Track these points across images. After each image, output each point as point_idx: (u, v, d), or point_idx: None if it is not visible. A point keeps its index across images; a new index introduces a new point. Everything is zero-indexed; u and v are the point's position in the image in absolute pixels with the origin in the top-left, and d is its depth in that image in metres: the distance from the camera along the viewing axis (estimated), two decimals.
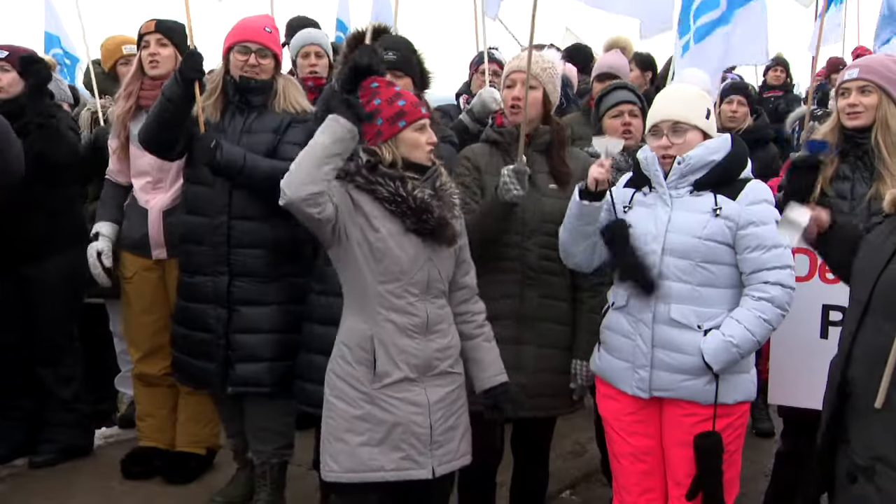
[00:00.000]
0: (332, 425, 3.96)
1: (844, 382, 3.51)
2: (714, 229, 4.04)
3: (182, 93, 4.70)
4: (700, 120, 4.15)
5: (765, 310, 4.03)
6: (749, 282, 4.08)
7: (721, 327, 4.05)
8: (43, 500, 5.22)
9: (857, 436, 3.46)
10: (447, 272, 4.07)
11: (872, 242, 3.66)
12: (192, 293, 4.95)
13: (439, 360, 4.01)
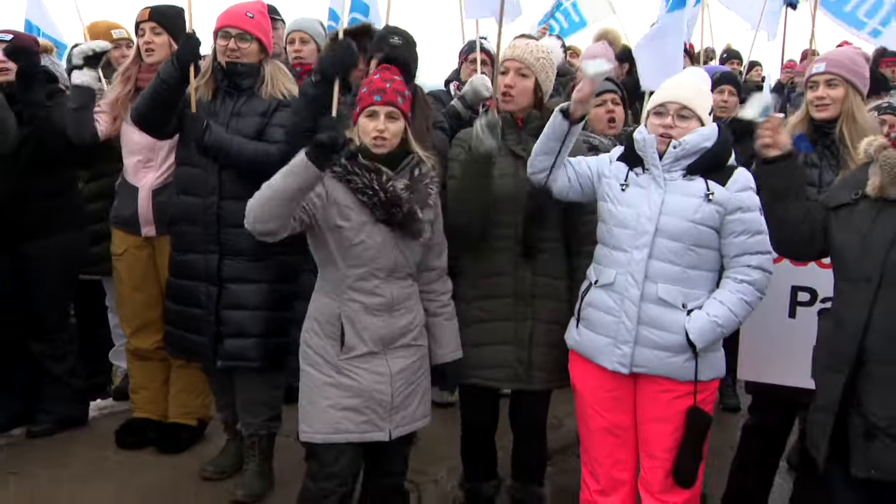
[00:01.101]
0: (306, 391, 4.14)
1: (861, 351, 3.58)
2: (705, 214, 4.07)
3: (178, 75, 4.72)
4: (704, 113, 4.19)
5: (746, 292, 4.08)
6: (732, 265, 4.13)
7: (705, 307, 4.08)
8: (40, 468, 5.22)
9: (875, 400, 3.56)
10: (415, 258, 4.17)
11: (858, 224, 3.73)
12: (183, 271, 4.96)
13: (402, 335, 4.14)
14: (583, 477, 4.55)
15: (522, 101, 4.55)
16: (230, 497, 4.94)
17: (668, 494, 4.23)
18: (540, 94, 4.55)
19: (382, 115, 4.01)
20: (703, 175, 4.11)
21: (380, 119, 4.01)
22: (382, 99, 4.03)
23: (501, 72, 4.63)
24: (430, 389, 4.35)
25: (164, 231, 5.23)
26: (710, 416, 4.21)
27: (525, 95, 4.55)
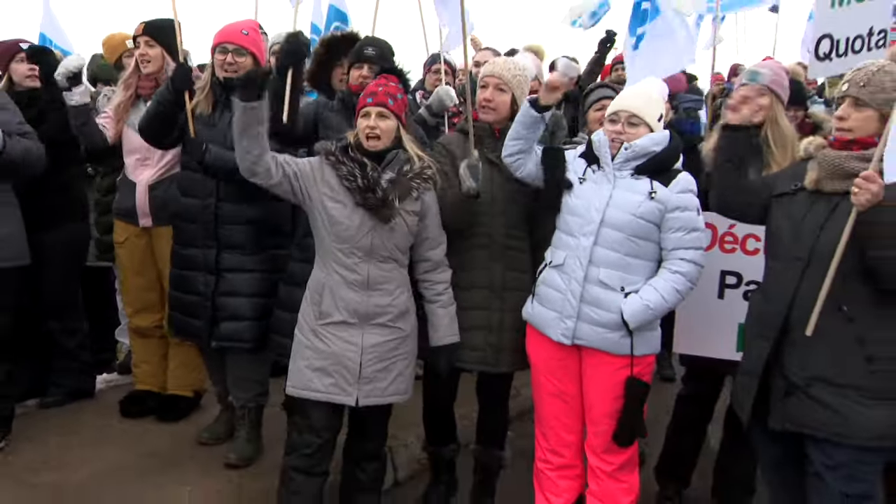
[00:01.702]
0: (293, 352, 4.22)
1: (787, 321, 3.66)
2: (646, 210, 4.12)
3: (173, 99, 4.73)
4: (653, 120, 4.24)
5: (678, 282, 4.14)
6: (668, 257, 4.19)
7: (640, 292, 4.13)
8: (51, 435, 5.22)
9: (794, 362, 3.66)
10: (395, 242, 4.16)
11: (794, 211, 3.77)
12: (184, 262, 4.95)
13: (379, 314, 4.14)
14: (536, 438, 4.61)
15: (500, 113, 4.54)
16: (223, 460, 4.93)
17: (610, 455, 4.31)
18: (516, 108, 4.50)
19: (374, 114, 4.07)
20: (649, 176, 4.16)
21: (371, 118, 4.06)
22: (374, 100, 4.09)
23: (481, 85, 4.62)
24: (410, 371, 4.36)
25: (160, 222, 5.23)
26: (648, 385, 4.26)
27: (503, 108, 4.55)
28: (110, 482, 4.67)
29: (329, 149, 4.12)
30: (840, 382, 3.57)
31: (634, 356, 4.18)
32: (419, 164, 4.18)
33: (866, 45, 5.03)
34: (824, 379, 3.59)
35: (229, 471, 4.87)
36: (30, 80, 5.40)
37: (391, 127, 4.10)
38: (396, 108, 4.12)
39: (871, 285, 3.55)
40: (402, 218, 4.11)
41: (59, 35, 7.65)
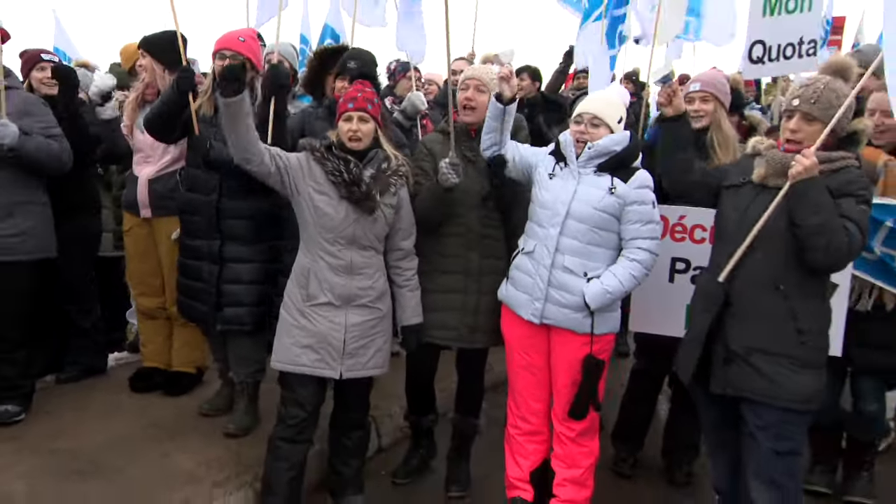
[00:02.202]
0: (279, 330, 4.24)
1: (728, 296, 3.73)
2: (607, 203, 4.17)
3: (177, 99, 4.72)
4: (613, 122, 4.28)
5: (635, 269, 4.19)
6: (626, 246, 4.23)
7: (601, 278, 4.19)
8: (67, 408, 5.23)
9: (734, 333, 3.74)
10: (374, 232, 4.19)
11: (740, 201, 3.84)
12: (190, 252, 4.95)
13: (360, 296, 4.18)
14: (508, 406, 4.66)
15: (480, 112, 4.55)
16: (223, 430, 4.95)
17: (573, 421, 4.36)
18: None
19: (355, 117, 4.10)
20: (610, 172, 4.21)
21: (353, 121, 4.10)
22: (354, 105, 4.12)
23: (462, 88, 4.66)
24: (388, 347, 4.38)
25: (159, 213, 5.24)
26: (603, 362, 4.30)
27: (482, 108, 4.55)
28: (120, 450, 4.66)
29: (314, 145, 4.15)
30: (775, 352, 3.66)
31: (595, 335, 4.24)
32: (395, 162, 4.22)
33: (797, 53, 5.10)
34: (762, 349, 3.67)
35: (228, 440, 4.87)
36: (46, 87, 5.40)
37: (370, 129, 4.14)
38: (374, 112, 4.16)
39: (804, 268, 3.62)
40: (382, 210, 4.15)
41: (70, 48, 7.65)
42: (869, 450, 4.92)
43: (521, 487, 4.61)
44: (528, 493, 4.58)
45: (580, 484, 4.47)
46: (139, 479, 4.37)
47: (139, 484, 4.33)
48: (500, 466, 4.92)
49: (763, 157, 3.84)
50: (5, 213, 4.86)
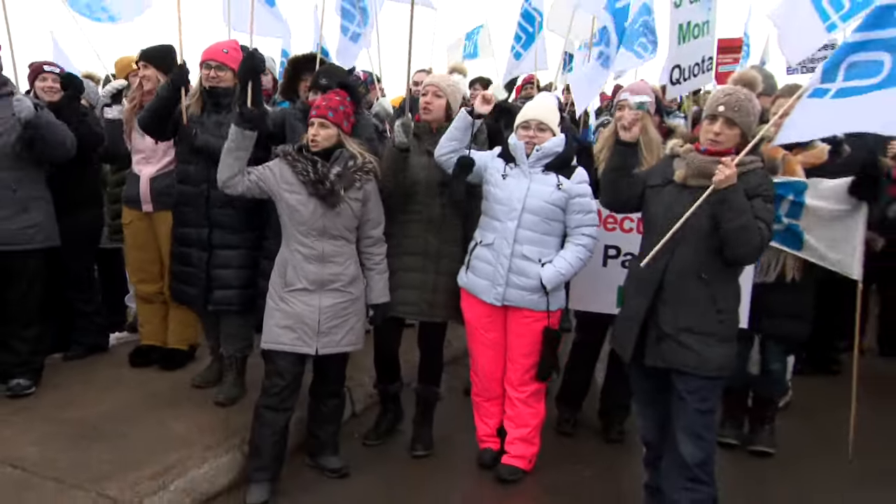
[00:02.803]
0: (265, 314, 4.27)
1: (661, 283, 3.76)
2: (556, 198, 4.31)
3: (171, 94, 4.74)
4: (555, 126, 4.42)
5: (581, 252, 4.36)
6: (572, 233, 4.39)
7: (553, 262, 4.34)
8: (74, 381, 5.24)
9: (666, 316, 3.77)
10: (342, 224, 4.21)
11: (664, 200, 3.86)
12: (182, 240, 4.95)
13: (332, 281, 4.21)
14: (472, 377, 4.80)
15: (437, 114, 4.60)
16: (214, 400, 4.96)
17: (523, 386, 4.54)
18: (450, 112, 4.59)
19: (316, 123, 4.15)
20: (555, 171, 4.32)
21: (314, 126, 4.15)
22: (316, 113, 4.17)
23: (423, 93, 4.68)
24: (361, 325, 4.39)
25: (159, 208, 5.22)
26: (560, 333, 4.45)
27: (439, 110, 4.60)
28: (122, 417, 4.68)
29: (287, 150, 4.18)
30: (699, 331, 3.70)
31: (550, 311, 4.39)
32: (361, 160, 4.23)
33: (701, 70, 5.29)
34: (689, 329, 3.71)
35: (218, 408, 4.89)
36: (48, 94, 5.37)
37: (331, 133, 4.17)
38: (336, 118, 4.17)
39: (722, 259, 3.69)
40: (348, 204, 4.17)
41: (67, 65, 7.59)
42: (771, 406, 5.05)
43: (490, 441, 4.75)
44: (497, 444, 4.71)
45: (528, 441, 4.61)
46: (139, 443, 4.38)
47: (139, 447, 4.33)
48: (458, 429, 5.06)
49: (683, 159, 3.88)
50: (21, 208, 4.87)
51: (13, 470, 4.05)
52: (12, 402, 4.88)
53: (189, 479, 4.18)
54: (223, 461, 4.40)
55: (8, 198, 4.81)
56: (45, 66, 5.59)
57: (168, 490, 4.04)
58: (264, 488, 4.22)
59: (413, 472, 4.69)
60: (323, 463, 4.59)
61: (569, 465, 4.88)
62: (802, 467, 4.84)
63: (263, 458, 4.24)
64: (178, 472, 4.17)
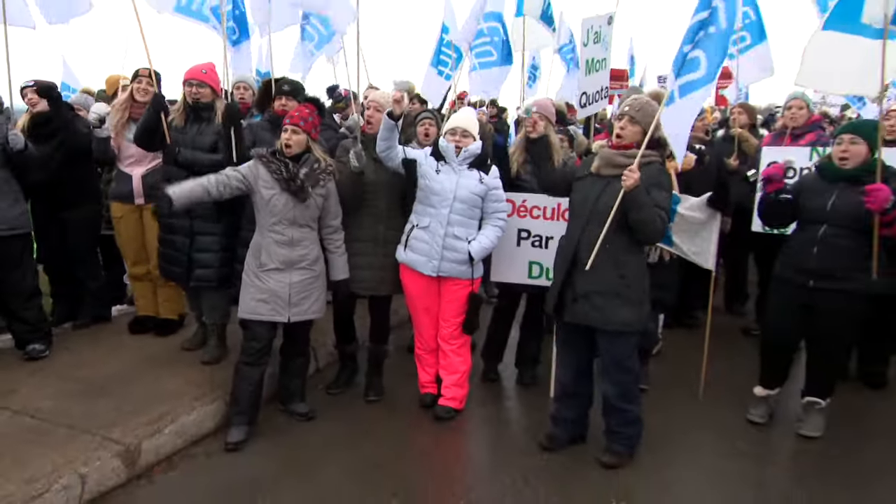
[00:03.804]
0: (242, 290, 4.26)
1: (576, 255, 3.89)
2: (479, 189, 4.43)
3: (153, 117, 4.72)
4: (475, 132, 4.50)
5: (497, 231, 4.52)
6: (489, 217, 4.52)
7: (478, 239, 4.45)
8: (82, 346, 5.22)
9: (578, 281, 3.89)
10: (309, 215, 4.22)
11: (584, 188, 3.97)
12: (168, 228, 4.93)
13: (300, 261, 4.22)
14: (415, 336, 4.87)
15: (377, 127, 4.52)
16: (200, 360, 4.99)
17: (454, 339, 4.64)
18: None
19: (290, 130, 4.13)
20: (477, 168, 4.42)
21: (288, 133, 4.13)
22: (290, 122, 4.16)
23: (367, 108, 4.71)
24: (323, 297, 4.40)
25: (149, 200, 5.19)
26: (481, 296, 4.62)
27: (377, 124, 4.54)
28: (123, 375, 4.70)
29: (262, 153, 4.16)
30: (604, 292, 3.83)
31: (473, 279, 4.51)
32: (324, 163, 4.24)
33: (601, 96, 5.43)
34: (597, 291, 3.84)
35: (203, 366, 4.92)
36: (33, 106, 5.24)
37: (302, 139, 4.16)
38: (306, 127, 4.16)
39: (627, 234, 3.80)
40: (313, 198, 4.19)
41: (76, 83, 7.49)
42: (645, 354, 5.06)
43: (429, 387, 4.85)
44: (435, 389, 4.80)
45: (459, 385, 4.71)
46: (138, 395, 4.41)
47: (138, 399, 4.36)
48: (403, 379, 5.12)
49: (598, 154, 4.02)
50: (15, 199, 4.82)
51: (32, 419, 4.07)
52: (29, 364, 4.87)
53: (180, 424, 4.21)
54: (209, 409, 4.42)
55: (4, 190, 4.75)
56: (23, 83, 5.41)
57: (163, 434, 4.08)
58: (243, 430, 4.25)
59: (367, 415, 4.72)
60: (292, 409, 4.61)
61: (492, 404, 4.97)
62: (668, 398, 5.01)
63: (242, 405, 4.27)
64: (170, 418, 4.20)
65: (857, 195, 4.00)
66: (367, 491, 3.78)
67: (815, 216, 4.24)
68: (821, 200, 4.23)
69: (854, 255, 4.12)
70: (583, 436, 4.35)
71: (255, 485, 3.84)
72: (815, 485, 3.99)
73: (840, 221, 4.13)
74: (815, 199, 4.26)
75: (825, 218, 4.19)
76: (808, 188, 4.36)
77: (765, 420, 4.68)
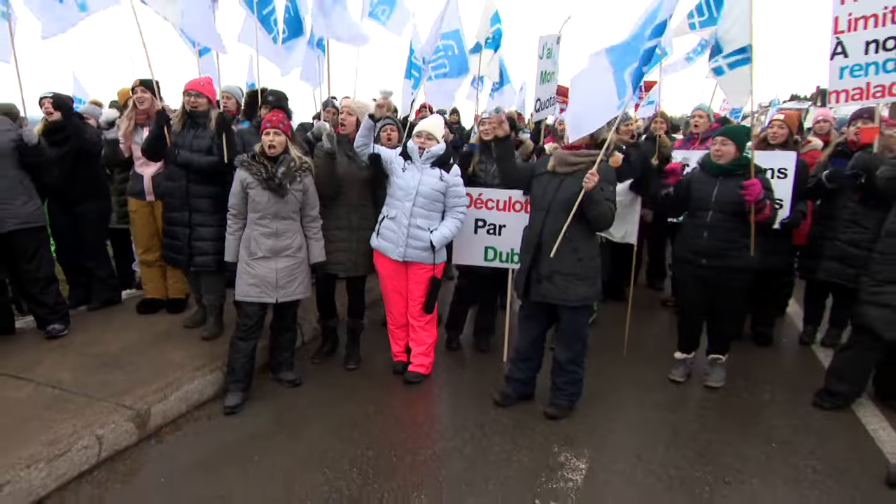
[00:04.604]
0: (237, 276, 4.24)
1: (539, 241, 3.92)
2: (440, 186, 4.37)
3: (158, 131, 4.70)
4: (439, 136, 4.46)
5: (457, 223, 4.48)
6: (450, 211, 4.47)
7: (439, 230, 4.41)
8: (96, 325, 5.17)
9: (543, 264, 3.92)
10: (290, 209, 4.17)
11: (543, 183, 3.99)
12: (171, 221, 4.90)
13: (284, 250, 4.21)
14: (386, 314, 4.86)
15: (351, 127, 4.60)
16: (200, 336, 4.98)
17: (421, 317, 4.64)
18: (359, 124, 4.56)
19: (272, 133, 4.11)
20: (439, 167, 4.38)
21: (270, 135, 4.11)
22: (271, 125, 4.13)
23: (341, 113, 4.72)
24: (307, 280, 4.40)
25: (157, 198, 5.16)
26: (440, 280, 4.58)
27: (352, 125, 4.61)
28: (133, 351, 4.68)
29: (243, 159, 4.13)
30: (565, 273, 3.87)
31: (436, 264, 4.48)
32: (300, 161, 4.21)
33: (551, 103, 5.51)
34: (559, 272, 3.88)
35: (203, 342, 4.91)
36: (49, 115, 5.22)
37: (283, 140, 4.16)
38: (285, 129, 4.18)
39: (584, 224, 3.85)
40: (292, 194, 4.17)
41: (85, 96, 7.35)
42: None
43: (400, 356, 4.87)
44: (405, 357, 4.82)
45: (426, 354, 4.75)
46: (146, 367, 4.41)
47: (147, 370, 4.36)
48: (378, 349, 5.15)
49: (552, 154, 4.07)
50: (29, 196, 4.75)
51: (53, 389, 4.06)
52: (50, 342, 4.83)
53: (184, 391, 4.22)
54: (209, 378, 4.43)
55: (19, 189, 4.67)
56: (42, 94, 5.45)
57: (169, 400, 4.09)
58: (238, 396, 4.27)
59: (347, 381, 4.72)
60: (282, 376, 4.62)
61: (455, 370, 5.00)
62: (600, 359, 5.05)
63: (238, 374, 4.28)
64: (175, 386, 4.21)
65: (735, 187, 4.22)
66: (347, 445, 3.81)
67: (703, 204, 4.41)
68: (707, 189, 4.39)
69: (736, 236, 4.33)
70: (531, 394, 4.42)
71: (251, 441, 3.86)
72: (717, 425, 4.20)
73: (723, 208, 4.32)
74: (703, 189, 4.42)
75: (711, 205, 4.36)
76: (697, 180, 4.52)
77: (684, 379, 4.83)
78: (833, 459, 3.80)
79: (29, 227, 4.72)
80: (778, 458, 3.83)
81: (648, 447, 3.90)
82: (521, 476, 3.53)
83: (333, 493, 3.34)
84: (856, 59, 4.46)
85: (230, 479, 3.46)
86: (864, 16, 4.38)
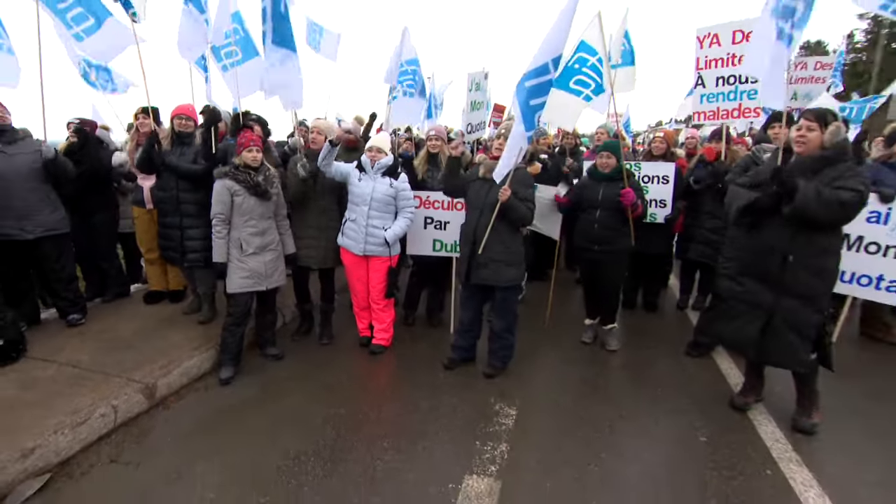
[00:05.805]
0: (229, 271, 4.16)
1: (476, 234, 3.98)
2: (390, 191, 4.34)
3: (150, 147, 4.68)
4: (387, 149, 4.43)
5: (406, 222, 4.44)
6: (401, 211, 4.43)
7: (392, 228, 4.38)
8: (109, 315, 5.12)
9: (479, 253, 3.97)
10: (270, 210, 4.20)
11: (476, 188, 4.05)
12: (164, 224, 4.88)
13: (268, 244, 4.21)
14: (352, 299, 4.80)
15: (319, 144, 4.53)
16: (197, 320, 4.95)
17: (380, 301, 4.60)
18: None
19: (254, 150, 4.07)
20: (389, 176, 4.39)
21: (254, 151, 4.06)
22: (254, 144, 4.09)
23: (311, 131, 4.67)
24: (284, 270, 4.39)
25: (156, 206, 5.09)
26: (398, 270, 4.55)
27: (320, 142, 4.55)
28: (141, 335, 4.66)
29: (225, 171, 4.08)
30: (497, 260, 3.95)
31: (391, 256, 4.48)
32: (272, 172, 4.21)
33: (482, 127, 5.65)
34: (493, 259, 3.95)
35: (200, 326, 4.89)
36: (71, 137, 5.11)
37: (261, 155, 4.14)
38: (261, 146, 4.17)
39: (507, 223, 3.95)
40: (273, 196, 4.17)
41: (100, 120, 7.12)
42: None
43: (365, 332, 4.84)
44: (368, 333, 4.80)
45: (386, 330, 4.76)
46: (151, 349, 4.41)
47: (153, 351, 4.37)
48: (346, 328, 5.15)
49: (482, 164, 4.15)
50: (55, 207, 4.68)
51: (74, 369, 4.07)
52: (70, 329, 4.79)
53: (184, 367, 4.23)
54: (205, 356, 4.43)
55: (47, 201, 4.62)
56: (69, 119, 5.34)
57: (172, 374, 4.11)
58: (231, 369, 4.26)
59: (322, 354, 4.71)
60: (267, 352, 4.60)
61: (410, 342, 4.96)
62: (527, 328, 5.09)
63: (230, 352, 4.27)
64: (177, 363, 4.21)
65: (616, 190, 4.46)
66: (323, 406, 3.86)
67: (592, 203, 4.61)
68: (595, 192, 4.61)
69: (618, 228, 4.57)
70: (473, 358, 4.52)
71: (243, 406, 3.90)
72: (617, 375, 4.46)
73: (608, 206, 4.54)
74: (592, 191, 4.63)
75: (598, 204, 4.58)
76: (586, 185, 4.73)
77: (591, 341, 5.01)
78: (698, 395, 4.13)
79: (55, 234, 4.67)
80: (661, 397, 4.11)
81: (564, 395, 4.08)
82: (466, 424, 3.65)
83: (311, 444, 3.44)
84: (711, 89, 4.93)
85: (225, 437, 3.52)
86: (716, 58, 4.87)
